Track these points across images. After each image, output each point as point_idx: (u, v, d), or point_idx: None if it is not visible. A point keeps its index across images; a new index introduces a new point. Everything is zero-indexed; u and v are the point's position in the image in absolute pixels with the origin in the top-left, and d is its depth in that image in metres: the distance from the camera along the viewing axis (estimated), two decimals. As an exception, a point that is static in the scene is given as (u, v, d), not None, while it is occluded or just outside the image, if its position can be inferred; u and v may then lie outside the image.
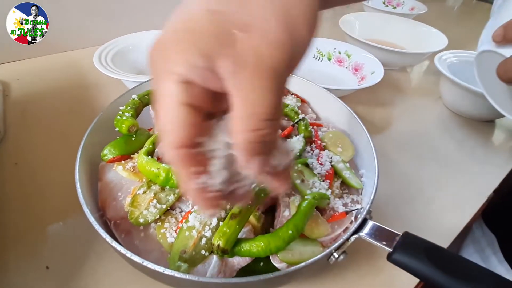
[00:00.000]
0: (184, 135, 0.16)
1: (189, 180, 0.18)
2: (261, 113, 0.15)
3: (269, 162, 0.17)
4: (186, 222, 0.28)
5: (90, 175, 0.33)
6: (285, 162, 0.19)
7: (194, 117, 0.16)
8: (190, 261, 0.26)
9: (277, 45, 0.15)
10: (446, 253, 0.23)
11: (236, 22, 0.15)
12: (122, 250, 0.24)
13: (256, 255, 0.26)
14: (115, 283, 0.32)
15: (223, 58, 0.14)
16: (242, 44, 0.14)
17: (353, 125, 0.40)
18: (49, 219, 0.37)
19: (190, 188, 0.18)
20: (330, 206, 0.32)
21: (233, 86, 0.15)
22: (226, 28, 0.15)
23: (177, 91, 0.15)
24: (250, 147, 0.15)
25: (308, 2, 0.16)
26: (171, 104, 0.16)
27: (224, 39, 0.14)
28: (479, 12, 1.33)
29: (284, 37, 0.15)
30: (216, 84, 0.15)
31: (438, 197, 0.45)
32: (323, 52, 0.70)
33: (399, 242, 0.24)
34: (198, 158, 0.17)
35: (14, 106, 0.54)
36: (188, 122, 0.16)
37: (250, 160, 0.16)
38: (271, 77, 0.15)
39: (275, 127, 0.16)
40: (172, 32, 0.16)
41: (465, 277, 0.21)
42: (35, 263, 0.33)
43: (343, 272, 0.34)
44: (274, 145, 0.17)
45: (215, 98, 0.17)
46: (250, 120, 0.15)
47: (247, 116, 0.15)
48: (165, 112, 0.16)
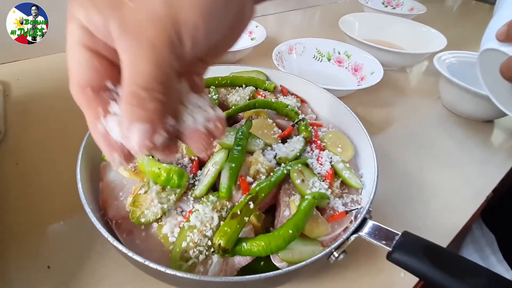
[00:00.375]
0: (86, 76, 0.18)
1: (94, 123, 0.19)
2: (138, 80, 0.16)
3: (152, 136, 0.17)
4: (187, 222, 0.28)
5: (91, 175, 0.33)
6: (204, 118, 0.19)
7: (96, 61, 0.18)
8: (191, 260, 0.26)
9: (155, 21, 0.16)
10: (445, 252, 0.23)
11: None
12: (124, 249, 0.24)
13: (257, 254, 0.26)
14: (116, 282, 0.32)
15: (112, 21, 0.16)
16: (128, 12, 0.16)
17: (352, 125, 0.41)
18: (50, 219, 0.37)
19: (95, 131, 0.19)
20: (330, 206, 0.32)
21: (118, 47, 0.16)
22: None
23: (78, 33, 0.18)
24: (129, 109, 0.16)
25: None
26: (73, 44, 0.18)
27: (115, 3, 0.16)
28: (479, 12, 1.34)
29: (162, 14, 0.16)
30: (111, 42, 0.17)
31: (437, 197, 0.45)
32: (323, 52, 0.70)
33: (399, 242, 0.25)
34: (103, 100, 0.19)
35: (14, 106, 0.54)
36: (90, 64, 0.18)
37: (131, 127, 0.17)
38: (149, 49, 0.16)
39: (157, 98, 0.16)
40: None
41: (463, 275, 0.21)
42: (37, 263, 0.33)
43: (343, 272, 0.34)
44: (160, 118, 0.17)
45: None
46: (130, 84, 0.16)
47: (127, 78, 0.16)
48: (68, 52, 0.18)
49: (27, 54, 0.66)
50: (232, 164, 0.31)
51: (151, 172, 0.30)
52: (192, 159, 0.34)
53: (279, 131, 0.40)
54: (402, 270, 0.34)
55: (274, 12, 1.05)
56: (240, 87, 0.47)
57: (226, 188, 0.29)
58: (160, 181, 0.29)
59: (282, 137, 0.39)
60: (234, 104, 0.43)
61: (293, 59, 0.68)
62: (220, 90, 0.46)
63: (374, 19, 0.85)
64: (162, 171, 0.29)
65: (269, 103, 0.43)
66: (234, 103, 0.43)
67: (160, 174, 0.29)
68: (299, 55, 0.69)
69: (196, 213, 0.28)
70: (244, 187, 0.31)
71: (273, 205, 0.34)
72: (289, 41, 0.68)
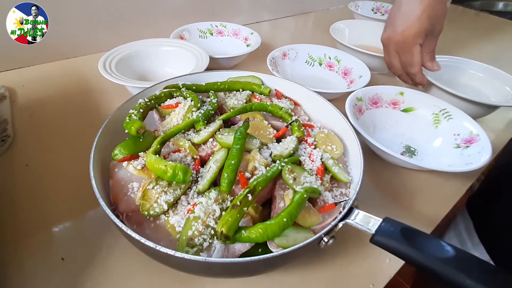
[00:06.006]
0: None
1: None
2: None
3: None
4: (192, 213, 0.31)
5: (101, 174, 0.36)
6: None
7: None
8: (196, 247, 0.29)
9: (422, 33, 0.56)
10: (419, 233, 0.26)
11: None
12: (137, 236, 0.27)
13: (255, 240, 0.29)
14: (125, 272, 0.35)
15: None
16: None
17: (341, 125, 0.44)
18: (63, 215, 0.40)
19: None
20: (321, 198, 0.35)
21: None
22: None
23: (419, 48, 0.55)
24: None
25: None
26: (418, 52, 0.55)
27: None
28: (465, 18, 1.39)
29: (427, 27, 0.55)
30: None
31: (421, 190, 0.49)
32: (315, 57, 0.74)
33: (380, 226, 0.28)
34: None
35: (21, 111, 0.57)
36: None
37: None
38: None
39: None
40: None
41: (434, 251, 0.24)
42: (51, 255, 0.36)
43: (334, 258, 0.38)
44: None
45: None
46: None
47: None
48: (415, 58, 0.56)
49: (31, 61, 0.69)
50: (232, 161, 0.34)
51: (158, 169, 0.33)
52: (195, 158, 0.37)
53: (274, 132, 0.43)
54: (388, 255, 0.37)
55: (269, 19, 1.09)
56: (237, 92, 0.50)
57: (227, 183, 0.32)
58: (166, 177, 0.32)
59: (277, 137, 0.42)
60: (232, 107, 0.46)
61: (286, 64, 0.71)
62: (219, 95, 0.49)
63: (363, 26, 0.90)
64: (168, 168, 0.32)
65: (264, 106, 0.46)
66: (232, 106, 0.47)
67: (167, 171, 0.32)
68: (292, 60, 0.72)
69: (200, 205, 0.31)
70: (242, 181, 0.34)
71: (269, 199, 0.37)
72: (282, 47, 0.72)
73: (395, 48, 0.57)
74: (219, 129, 0.41)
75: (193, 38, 0.79)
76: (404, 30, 0.54)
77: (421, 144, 0.56)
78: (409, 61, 0.57)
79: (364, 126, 0.54)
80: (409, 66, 0.57)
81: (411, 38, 0.54)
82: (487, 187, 0.65)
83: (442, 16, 0.55)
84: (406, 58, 0.57)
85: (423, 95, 0.59)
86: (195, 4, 0.87)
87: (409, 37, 0.54)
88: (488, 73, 0.71)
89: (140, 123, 0.37)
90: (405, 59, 0.57)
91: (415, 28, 0.53)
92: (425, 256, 0.24)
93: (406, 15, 0.54)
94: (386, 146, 0.46)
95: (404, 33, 0.54)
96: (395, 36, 0.56)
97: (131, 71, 0.62)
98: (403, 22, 0.54)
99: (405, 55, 0.57)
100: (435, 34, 0.56)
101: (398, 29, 0.55)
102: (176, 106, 0.44)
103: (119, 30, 0.76)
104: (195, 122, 0.41)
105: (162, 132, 0.41)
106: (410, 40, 0.55)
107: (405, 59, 0.57)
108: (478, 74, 0.72)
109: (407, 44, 0.55)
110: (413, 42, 0.55)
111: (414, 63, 0.56)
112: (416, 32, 0.54)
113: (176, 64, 0.66)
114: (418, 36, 0.54)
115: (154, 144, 0.36)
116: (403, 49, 0.56)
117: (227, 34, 0.82)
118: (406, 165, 0.50)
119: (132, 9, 0.76)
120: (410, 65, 0.57)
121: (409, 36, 0.54)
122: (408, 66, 0.58)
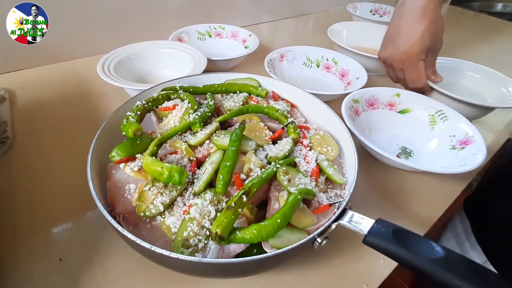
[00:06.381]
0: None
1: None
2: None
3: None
4: (187, 214, 0.31)
5: (98, 176, 0.36)
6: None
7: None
8: (191, 248, 0.30)
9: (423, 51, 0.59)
10: (410, 234, 0.27)
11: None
12: (132, 237, 0.27)
13: (249, 241, 0.30)
14: (122, 272, 0.36)
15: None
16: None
17: (337, 127, 0.44)
18: (61, 216, 0.40)
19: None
20: (316, 200, 0.36)
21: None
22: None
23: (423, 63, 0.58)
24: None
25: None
26: (422, 67, 0.58)
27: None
28: (464, 19, 1.39)
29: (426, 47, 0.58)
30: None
31: (416, 192, 0.49)
32: (312, 59, 0.75)
33: (372, 227, 0.28)
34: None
35: (20, 113, 0.57)
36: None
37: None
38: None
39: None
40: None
41: (424, 252, 0.25)
42: (49, 256, 0.36)
43: (329, 259, 0.38)
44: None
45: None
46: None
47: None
48: (421, 73, 0.59)
49: (31, 63, 0.69)
50: (227, 163, 0.34)
51: (155, 171, 0.33)
52: (191, 160, 0.38)
53: (270, 134, 0.43)
54: (382, 256, 0.38)
55: (268, 20, 1.09)
56: (234, 94, 0.50)
57: (222, 184, 0.33)
58: (162, 178, 0.33)
59: (273, 138, 0.43)
60: (228, 109, 0.47)
61: (284, 66, 0.72)
62: (216, 97, 0.50)
63: (361, 27, 0.90)
64: (165, 170, 0.32)
65: (261, 108, 0.46)
66: (229, 108, 0.47)
67: (163, 173, 0.33)
68: (289, 62, 0.73)
69: (196, 206, 0.32)
70: (238, 183, 0.34)
71: (265, 200, 0.37)
72: (280, 49, 0.72)
73: (399, 66, 0.60)
74: (215, 131, 0.41)
75: (191, 40, 0.79)
76: (407, 49, 0.57)
77: (417, 145, 0.57)
78: (415, 77, 0.60)
79: (360, 128, 0.54)
80: (415, 81, 0.60)
81: (414, 56, 0.57)
82: (484, 188, 0.65)
83: (441, 32, 0.58)
84: (412, 75, 0.60)
85: (419, 97, 0.59)
86: (194, 7, 0.87)
87: (413, 55, 0.57)
88: (484, 74, 0.72)
89: (137, 125, 0.37)
90: (411, 76, 0.60)
91: (418, 46, 0.56)
92: (416, 257, 0.25)
93: (408, 35, 0.57)
94: (383, 148, 0.46)
95: (407, 51, 0.57)
96: (397, 55, 0.59)
97: (130, 73, 0.62)
98: (406, 42, 0.57)
99: (410, 71, 0.60)
100: (436, 50, 0.60)
101: (401, 48, 0.58)
102: (173, 108, 0.44)
103: (118, 33, 0.76)
104: (192, 124, 0.41)
105: (159, 134, 0.41)
106: (414, 57, 0.58)
107: (411, 75, 0.60)
108: (474, 76, 0.73)
109: (412, 61, 0.58)
110: (417, 59, 0.58)
111: (421, 77, 0.60)
112: (419, 50, 0.57)
113: (174, 66, 0.66)
114: (421, 53, 0.57)
115: (151, 146, 0.36)
116: (408, 66, 0.59)
117: (226, 36, 0.83)
118: (401, 166, 0.50)
119: (131, 11, 0.76)
120: (417, 80, 0.60)
121: (412, 54, 0.57)
122: (415, 81, 0.61)
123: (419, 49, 0.56)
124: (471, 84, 0.72)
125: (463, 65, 0.74)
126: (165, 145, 0.39)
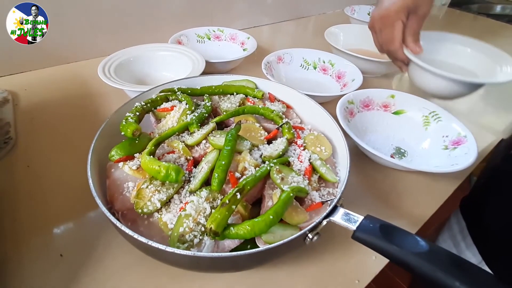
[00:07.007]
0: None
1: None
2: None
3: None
4: (183, 211, 0.32)
5: (98, 174, 0.37)
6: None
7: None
8: (187, 243, 0.31)
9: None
10: (397, 229, 0.28)
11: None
12: (130, 233, 0.28)
13: (243, 237, 0.31)
14: (121, 267, 0.37)
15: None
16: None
17: (331, 128, 0.46)
18: (61, 214, 0.42)
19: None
20: (309, 197, 0.37)
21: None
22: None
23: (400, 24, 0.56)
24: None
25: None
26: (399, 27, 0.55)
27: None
28: (463, 21, 1.40)
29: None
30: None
31: (409, 191, 0.50)
32: (309, 61, 0.76)
33: (361, 223, 0.29)
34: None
35: (23, 114, 0.58)
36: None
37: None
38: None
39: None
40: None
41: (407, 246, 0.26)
42: (51, 252, 0.37)
43: (321, 255, 0.39)
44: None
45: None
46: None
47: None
48: (395, 33, 0.57)
49: (33, 65, 0.71)
50: (222, 161, 0.35)
51: (152, 169, 0.34)
52: (188, 159, 0.39)
53: (265, 134, 0.44)
54: (373, 253, 0.39)
55: (267, 23, 1.11)
56: (231, 95, 0.52)
57: (217, 182, 0.34)
58: (160, 177, 0.34)
59: (268, 139, 0.44)
60: (225, 110, 0.48)
61: (281, 68, 0.73)
62: (213, 98, 0.51)
63: (358, 30, 0.91)
64: (162, 168, 0.34)
65: (256, 109, 0.48)
66: (226, 109, 0.48)
67: (160, 171, 0.34)
68: (287, 64, 0.74)
69: (192, 203, 0.33)
70: (233, 181, 0.36)
71: (260, 198, 0.38)
72: (277, 51, 0.73)
73: (379, 26, 0.59)
74: (212, 131, 0.42)
75: (191, 43, 0.81)
76: (388, 7, 0.56)
77: (411, 145, 0.58)
78: (390, 36, 0.57)
79: (355, 129, 0.55)
80: (390, 42, 0.58)
81: (393, 13, 0.55)
82: (479, 189, 0.66)
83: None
84: (387, 33, 0.58)
85: (413, 98, 0.60)
86: (194, 10, 0.89)
87: (392, 12, 0.55)
88: (476, 48, 0.67)
89: (136, 125, 0.39)
90: (386, 35, 0.58)
91: (398, 4, 0.55)
92: (401, 251, 0.26)
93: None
94: (377, 148, 0.47)
95: (387, 9, 0.56)
96: (379, 13, 0.57)
97: (130, 75, 0.64)
98: (389, 1, 0.56)
99: (386, 30, 0.58)
100: (420, 15, 0.56)
101: (383, 6, 0.57)
102: (171, 109, 0.46)
103: (119, 36, 0.78)
104: (189, 125, 0.42)
105: (157, 134, 0.43)
106: (392, 15, 0.56)
107: (386, 34, 0.58)
108: (466, 50, 0.67)
109: (390, 18, 0.56)
110: (395, 17, 0.56)
111: (395, 38, 0.57)
112: (398, 7, 0.55)
113: (173, 69, 0.68)
114: (400, 11, 0.55)
115: (149, 146, 0.37)
116: (385, 24, 0.57)
117: (224, 39, 0.84)
118: (395, 166, 0.51)
119: (132, 15, 0.78)
120: (391, 40, 0.58)
121: (391, 11, 0.55)
122: (389, 42, 0.58)
123: (398, 6, 0.54)
124: (458, 59, 0.66)
125: (451, 37, 0.68)
126: (163, 145, 0.41)
